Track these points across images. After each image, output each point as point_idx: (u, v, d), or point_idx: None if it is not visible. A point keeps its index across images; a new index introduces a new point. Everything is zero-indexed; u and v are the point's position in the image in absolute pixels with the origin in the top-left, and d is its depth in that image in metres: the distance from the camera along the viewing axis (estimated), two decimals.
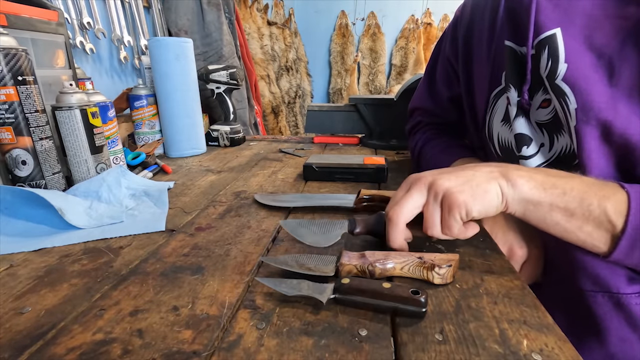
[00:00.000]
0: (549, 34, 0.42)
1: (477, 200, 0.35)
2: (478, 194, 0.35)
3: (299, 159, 0.87)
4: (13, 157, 0.52)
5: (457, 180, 0.36)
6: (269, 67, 2.28)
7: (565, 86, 0.41)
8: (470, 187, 0.36)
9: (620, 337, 0.43)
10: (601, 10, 0.39)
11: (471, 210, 0.35)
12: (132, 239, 0.45)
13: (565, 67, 0.41)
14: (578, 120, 0.40)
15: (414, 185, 0.38)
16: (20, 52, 0.49)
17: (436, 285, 0.34)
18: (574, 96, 0.40)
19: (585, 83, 0.40)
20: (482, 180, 0.36)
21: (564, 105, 0.42)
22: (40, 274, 0.37)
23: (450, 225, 0.36)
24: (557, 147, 0.46)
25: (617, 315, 0.42)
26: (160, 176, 0.73)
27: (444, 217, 0.37)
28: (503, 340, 0.28)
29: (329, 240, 0.42)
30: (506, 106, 0.50)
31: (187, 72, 0.85)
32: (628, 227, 0.33)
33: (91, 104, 0.58)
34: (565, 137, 0.44)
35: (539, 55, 0.43)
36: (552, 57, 0.42)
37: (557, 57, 0.41)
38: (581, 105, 0.40)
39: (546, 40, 0.42)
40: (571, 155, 0.44)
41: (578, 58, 0.40)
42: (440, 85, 0.68)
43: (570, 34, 0.41)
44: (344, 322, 0.30)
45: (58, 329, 0.29)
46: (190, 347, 0.27)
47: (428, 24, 2.74)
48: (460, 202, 0.35)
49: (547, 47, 0.42)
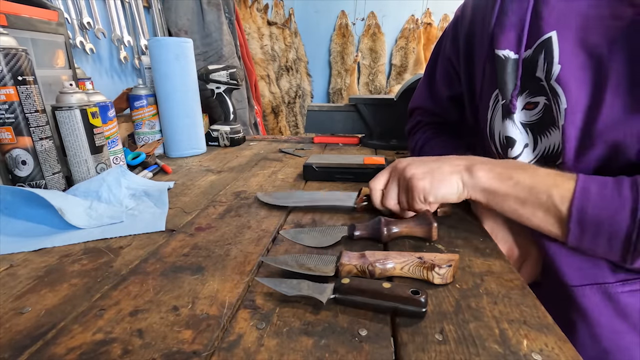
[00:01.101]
0: (546, 37, 0.43)
1: (435, 188, 0.43)
2: (437, 182, 0.43)
3: (299, 159, 0.87)
4: (13, 157, 0.52)
5: (423, 168, 0.44)
6: (269, 67, 2.28)
7: (557, 87, 0.42)
8: (432, 176, 0.43)
9: (612, 329, 0.43)
10: (596, 10, 0.40)
11: (428, 195, 0.43)
12: (132, 239, 0.45)
13: (559, 68, 0.42)
14: (566, 120, 0.42)
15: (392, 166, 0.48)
16: (20, 52, 0.49)
17: (436, 285, 0.34)
18: (565, 96, 0.42)
19: (574, 83, 0.41)
20: (446, 171, 0.43)
21: (556, 106, 0.43)
22: (40, 274, 0.37)
23: (412, 204, 0.45)
24: (540, 147, 0.47)
25: (607, 306, 0.43)
26: (160, 176, 0.73)
27: (407, 198, 0.45)
28: (503, 340, 0.28)
29: (329, 242, 0.42)
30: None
31: (187, 72, 0.85)
32: (573, 211, 0.36)
33: (91, 104, 0.58)
34: (552, 138, 0.45)
35: (536, 58, 0.44)
36: (548, 59, 0.43)
37: (552, 59, 0.42)
38: (570, 104, 0.41)
39: (544, 43, 0.43)
40: (556, 154, 0.45)
41: (570, 59, 0.41)
42: (440, 84, 0.68)
43: (565, 36, 0.42)
44: (344, 322, 0.30)
45: (58, 329, 0.29)
46: (190, 347, 0.27)
47: (428, 24, 2.74)
48: (420, 188, 0.43)
49: (543, 49, 0.43)
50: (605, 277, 0.42)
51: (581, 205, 0.36)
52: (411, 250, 0.41)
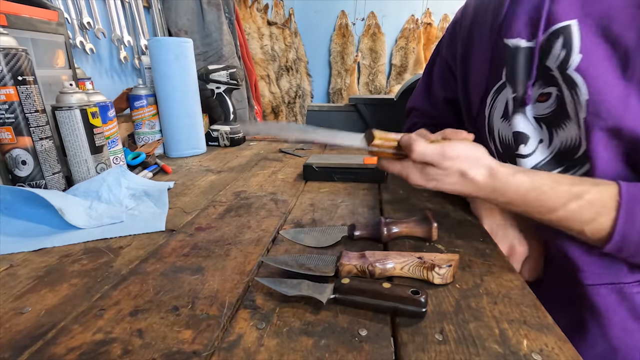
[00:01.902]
0: (564, 25, 0.41)
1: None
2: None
3: (299, 159, 0.87)
4: (13, 157, 0.52)
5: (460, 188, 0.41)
6: (269, 67, 2.28)
7: (577, 76, 0.40)
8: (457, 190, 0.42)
9: (623, 328, 0.43)
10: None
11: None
12: (132, 239, 0.45)
13: (580, 57, 0.40)
14: (589, 112, 0.40)
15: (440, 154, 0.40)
16: (20, 52, 0.49)
17: (436, 285, 0.34)
18: (587, 87, 0.40)
19: (598, 74, 0.39)
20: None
21: (574, 97, 0.41)
22: (40, 274, 0.37)
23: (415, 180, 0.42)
24: (556, 142, 0.45)
25: (620, 306, 0.43)
26: (160, 176, 0.73)
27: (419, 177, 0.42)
28: (503, 340, 0.28)
29: (329, 242, 0.42)
30: (505, 103, 0.50)
31: (187, 72, 0.85)
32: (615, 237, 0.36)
33: (91, 104, 0.58)
34: (567, 131, 0.44)
35: (549, 47, 0.43)
36: (567, 47, 0.41)
37: (571, 48, 0.41)
38: (593, 96, 0.40)
39: (560, 30, 0.42)
40: (574, 148, 0.44)
41: (593, 49, 0.40)
42: (437, 85, 0.68)
43: (587, 24, 0.40)
44: (344, 322, 0.30)
45: (58, 329, 0.29)
46: (190, 347, 0.27)
47: (428, 24, 2.74)
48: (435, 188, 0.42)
49: (560, 37, 0.41)
50: (622, 277, 0.42)
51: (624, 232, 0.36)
52: (411, 250, 0.41)
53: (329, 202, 0.57)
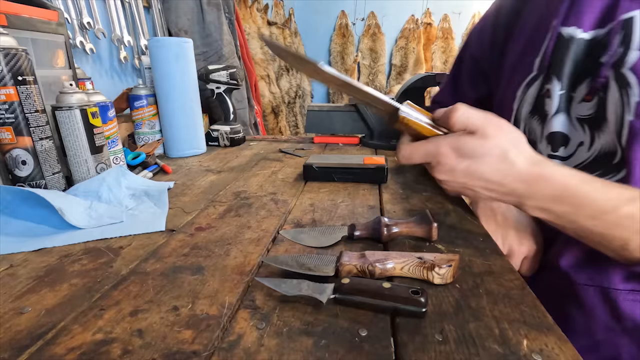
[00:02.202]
0: (627, 17, 0.38)
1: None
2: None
3: (299, 159, 0.87)
4: (13, 157, 0.52)
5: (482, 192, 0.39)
6: (269, 67, 2.28)
7: (631, 76, 0.37)
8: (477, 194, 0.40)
9: (607, 326, 0.44)
10: None
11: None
12: (132, 239, 0.45)
13: (637, 55, 0.37)
14: (637, 115, 0.37)
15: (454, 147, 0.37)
16: (20, 52, 0.49)
17: (436, 285, 0.34)
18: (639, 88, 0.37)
19: None
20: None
21: (623, 97, 0.38)
22: (40, 274, 0.37)
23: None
24: (597, 145, 0.42)
25: (606, 307, 0.43)
26: (160, 176, 0.73)
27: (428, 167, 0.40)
28: (503, 340, 0.28)
29: (329, 242, 0.42)
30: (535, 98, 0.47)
31: (187, 72, 0.85)
32: None
33: (91, 104, 0.58)
34: (607, 134, 0.41)
35: (607, 41, 0.39)
36: (625, 43, 0.38)
37: (629, 44, 0.38)
38: None
39: (622, 24, 0.38)
40: (612, 153, 0.41)
41: None
42: (466, 87, 0.66)
43: None
44: (344, 322, 0.30)
45: (58, 329, 0.29)
46: (190, 347, 0.27)
47: (428, 24, 2.74)
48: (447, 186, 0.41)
49: (621, 31, 0.38)
50: (614, 283, 0.42)
51: None
52: (411, 250, 0.41)
53: (328, 202, 0.57)
